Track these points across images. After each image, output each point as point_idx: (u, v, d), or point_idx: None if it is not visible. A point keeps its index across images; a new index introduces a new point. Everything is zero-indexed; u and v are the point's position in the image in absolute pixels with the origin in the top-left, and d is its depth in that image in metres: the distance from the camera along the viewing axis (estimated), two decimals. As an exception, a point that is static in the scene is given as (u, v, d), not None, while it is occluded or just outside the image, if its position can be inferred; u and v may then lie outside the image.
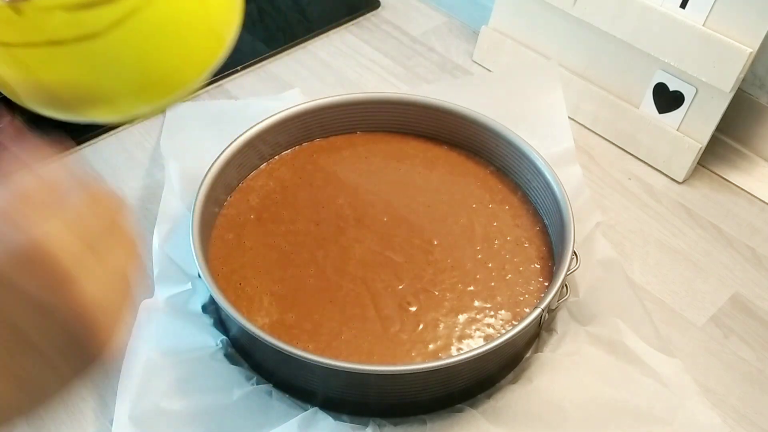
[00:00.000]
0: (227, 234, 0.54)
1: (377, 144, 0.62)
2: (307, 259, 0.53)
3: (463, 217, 0.57)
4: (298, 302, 0.51)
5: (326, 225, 0.55)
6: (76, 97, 0.38)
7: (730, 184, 0.65)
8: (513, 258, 0.54)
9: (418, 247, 0.54)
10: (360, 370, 0.45)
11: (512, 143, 0.58)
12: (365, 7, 0.82)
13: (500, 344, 0.45)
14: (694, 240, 0.61)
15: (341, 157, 0.61)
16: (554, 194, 0.54)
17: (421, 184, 0.59)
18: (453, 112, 0.60)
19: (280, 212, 0.56)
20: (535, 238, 0.56)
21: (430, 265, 0.53)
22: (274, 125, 0.58)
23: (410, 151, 0.62)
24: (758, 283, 0.58)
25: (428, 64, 0.76)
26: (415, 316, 0.50)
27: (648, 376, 0.50)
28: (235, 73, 0.74)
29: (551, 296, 0.48)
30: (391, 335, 0.49)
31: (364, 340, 0.49)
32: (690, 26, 0.60)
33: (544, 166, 0.56)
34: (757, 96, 0.64)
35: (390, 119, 0.62)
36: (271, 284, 0.52)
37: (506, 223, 0.57)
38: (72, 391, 0.28)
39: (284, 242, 0.54)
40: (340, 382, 0.47)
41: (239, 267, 0.52)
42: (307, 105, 0.60)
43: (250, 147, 0.57)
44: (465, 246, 0.55)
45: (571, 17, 0.67)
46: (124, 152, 0.66)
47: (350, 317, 0.50)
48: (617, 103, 0.67)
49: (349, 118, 0.61)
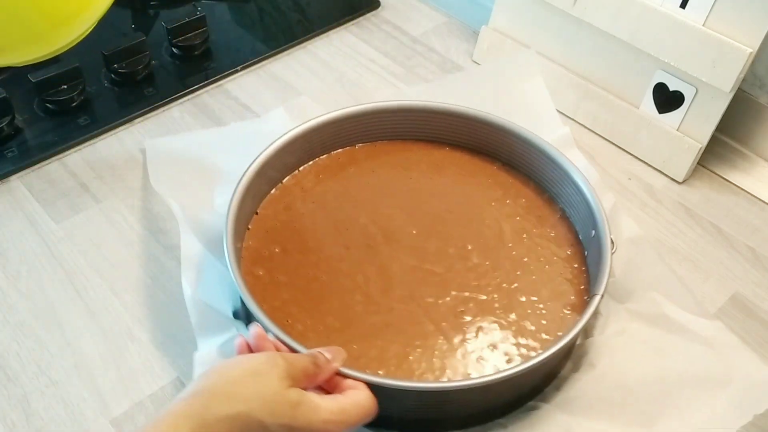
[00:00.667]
0: (257, 270, 0.53)
1: (380, 155, 0.61)
2: (350, 286, 0.52)
3: (487, 218, 0.57)
4: (356, 331, 0.50)
5: (356, 247, 0.55)
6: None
7: (730, 184, 0.65)
8: (544, 249, 0.55)
9: (455, 255, 0.55)
10: (451, 387, 0.45)
11: (519, 135, 0.58)
12: (365, 7, 0.82)
13: (573, 336, 0.46)
14: (694, 240, 0.61)
15: (348, 174, 0.60)
16: (574, 181, 0.55)
17: (434, 189, 0.59)
18: (453, 113, 0.60)
19: (304, 241, 0.55)
20: (559, 226, 0.57)
21: (470, 270, 0.54)
22: (280, 149, 0.57)
23: (414, 157, 0.62)
24: (758, 283, 0.58)
25: (428, 64, 0.76)
26: (472, 324, 0.50)
27: (695, 342, 0.51)
28: (235, 73, 0.74)
29: (605, 281, 0.49)
30: (457, 346, 0.49)
31: (432, 357, 0.49)
32: (690, 26, 0.60)
33: (556, 154, 0.56)
34: (757, 96, 0.64)
35: (389, 127, 0.62)
36: (321, 318, 0.50)
37: (527, 216, 0.57)
38: None
39: (320, 272, 0.53)
40: (419, 402, 0.46)
41: (281, 304, 0.51)
42: (310, 123, 0.58)
43: (260, 176, 0.55)
44: (497, 246, 0.55)
45: (571, 17, 0.67)
46: (124, 152, 0.66)
47: (411, 336, 0.50)
48: (617, 103, 0.67)
49: (348, 131, 0.61)
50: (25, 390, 0.50)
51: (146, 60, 0.72)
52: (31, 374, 0.51)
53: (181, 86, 0.72)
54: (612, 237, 0.52)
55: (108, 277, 0.56)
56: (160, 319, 0.54)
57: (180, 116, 0.69)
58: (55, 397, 0.49)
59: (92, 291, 0.55)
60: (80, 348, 0.52)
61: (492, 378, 0.44)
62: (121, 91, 0.71)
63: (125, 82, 0.71)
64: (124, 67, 0.71)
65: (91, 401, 0.49)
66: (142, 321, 0.54)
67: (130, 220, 0.60)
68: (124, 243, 0.59)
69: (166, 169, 0.61)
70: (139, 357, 0.52)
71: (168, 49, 0.75)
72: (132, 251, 0.58)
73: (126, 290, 0.56)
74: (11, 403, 0.49)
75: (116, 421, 0.48)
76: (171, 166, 0.61)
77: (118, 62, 0.71)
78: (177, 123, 0.69)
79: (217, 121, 0.69)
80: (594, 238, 0.53)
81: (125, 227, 0.60)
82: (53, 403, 0.49)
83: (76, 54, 0.71)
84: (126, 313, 0.54)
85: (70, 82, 0.68)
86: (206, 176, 0.60)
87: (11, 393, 0.50)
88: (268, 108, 0.70)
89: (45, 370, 0.51)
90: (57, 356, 0.51)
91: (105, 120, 0.68)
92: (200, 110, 0.70)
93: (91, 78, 0.71)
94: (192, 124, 0.68)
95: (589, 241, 0.54)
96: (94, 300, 0.55)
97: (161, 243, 0.59)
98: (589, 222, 0.54)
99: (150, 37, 0.75)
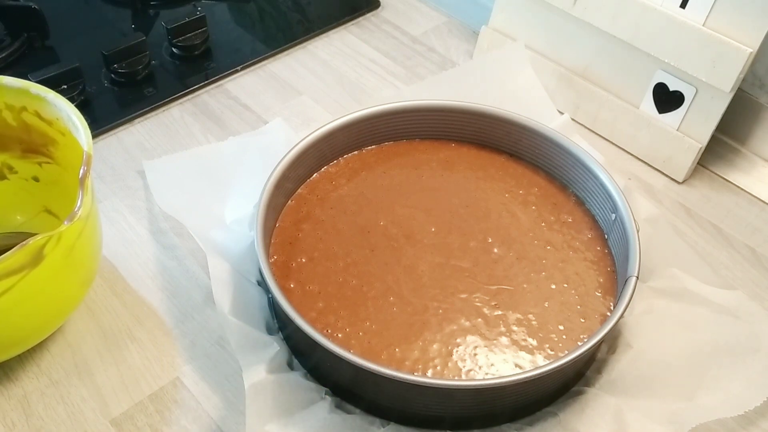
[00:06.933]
0: (288, 283, 0.52)
1: (389, 157, 0.61)
2: (381, 288, 0.52)
3: (503, 209, 0.58)
4: (395, 333, 0.49)
5: (381, 250, 0.55)
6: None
7: (730, 184, 0.65)
8: (565, 234, 0.56)
9: (478, 249, 0.55)
10: (507, 382, 0.44)
11: (525, 126, 0.59)
12: (365, 7, 0.82)
13: (618, 319, 0.47)
14: (694, 240, 0.61)
15: (360, 177, 0.60)
16: (587, 166, 0.56)
17: (447, 186, 0.59)
18: (458, 110, 0.61)
19: (329, 248, 0.55)
20: (575, 211, 0.57)
21: (496, 263, 0.54)
22: (294, 160, 0.56)
23: (422, 156, 0.62)
24: (758, 283, 0.58)
25: (428, 64, 0.76)
26: (507, 316, 0.51)
27: (720, 313, 0.53)
28: (235, 73, 0.74)
29: (638, 262, 0.49)
30: (496, 339, 0.49)
31: (475, 353, 0.49)
32: (690, 26, 0.60)
33: (566, 141, 0.57)
34: (757, 96, 0.64)
35: (395, 128, 0.62)
36: (360, 324, 0.50)
37: (543, 204, 0.58)
38: None
39: (349, 277, 0.53)
40: (474, 400, 0.46)
41: (318, 315, 0.50)
42: (321, 131, 0.58)
43: (278, 188, 0.55)
44: (519, 236, 0.56)
45: (571, 17, 0.67)
46: (124, 152, 0.66)
47: (450, 334, 0.50)
48: (617, 103, 0.67)
49: (356, 136, 0.61)
50: (25, 390, 0.50)
51: (146, 60, 0.72)
52: (31, 374, 0.51)
53: (181, 86, 0.72)
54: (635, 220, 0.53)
55: (108, 277, 0.56)
56: (160, 319, 0.54)
57: (180, 116, 0.69)
58: (55, 397, 0.49)
59: (92, 291, 0.55)
60: (80, 348, 0.52)
61: (547, 368, 0.44)
62: (121, 91, 0.71)
63: (125, 82, 0.71)
64: (124, 67, 0.71)
65: (91, 401, 0.49)
66: (142, 321, 0.54)
67: (130, 220, 0.60)
68: (124, 243, 0.59)
69: (170, 189, 0.60)
70: (139, 357, 0.52)
71: (168, 49, 0.75)
72: (132, 251, 0.58)
73: (126, 290, 0.56)
74: (11, 403, 0.49)
75: (116, 421, 0.48)
76: (174, 185, 0.61)
77: (118, 62, 0.71)
78: (177, 123, 0.69)
79: (217, 121, 0.69)
80: (615, 221, 0.53)
81: (125, 227, 0.60)
82: (53, 403, 0.49)
83: (76, 54, 0.72)
84: (126, 313, 0.54)
85: (69, 82, 0.68)
86: (211, 194, 0.59)
87: (11, 393, 0.50)
88: (268, 108, 0.70)
89: (45, 370, 0.51)
90: (57, 356, 0.51)
91: (105, 120, 0.68)
92: (200, 110, 0.70)
93: (91, 78, 0.71)
94: (192, 124, 0.68)
95: (609, 223, 0.55)
96: (94, 300, 0.55)
97: (161, 243, 0.59)
98: (607, 205, 0.55)
99: (150, 37, 0.75)
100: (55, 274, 0.45)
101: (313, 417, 0.47)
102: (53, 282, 0.46)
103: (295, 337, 0.50)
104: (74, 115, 0.49)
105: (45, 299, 0.47)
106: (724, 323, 0.52)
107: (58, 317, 0.50)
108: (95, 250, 0.51)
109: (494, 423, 0.48)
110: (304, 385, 0.49)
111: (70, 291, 0.49)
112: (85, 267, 0.50)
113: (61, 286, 0.48)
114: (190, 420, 0.49)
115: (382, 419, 0.48)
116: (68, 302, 0.50)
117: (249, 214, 0.57)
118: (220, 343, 0.53)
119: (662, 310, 0.53)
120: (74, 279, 0.49)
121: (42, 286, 0.45)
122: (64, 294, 0.49)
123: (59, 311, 0.50)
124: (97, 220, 0.51)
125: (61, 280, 0.47)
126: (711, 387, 0.49)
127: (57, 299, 0.48)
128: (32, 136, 0.54)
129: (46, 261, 0.43)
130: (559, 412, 0.48)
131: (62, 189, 0.55)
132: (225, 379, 0.51)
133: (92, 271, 0.51)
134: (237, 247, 0.55)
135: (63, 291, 0.48)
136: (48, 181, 0.56)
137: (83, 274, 0.50)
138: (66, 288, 0.48)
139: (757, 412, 0.49)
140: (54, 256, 0.44)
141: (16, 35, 0.74)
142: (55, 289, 0.47)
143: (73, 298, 0.50)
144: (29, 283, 0.43)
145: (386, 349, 0.49)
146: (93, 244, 0.50)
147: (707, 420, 0.47)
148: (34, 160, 0.55)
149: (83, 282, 0.50)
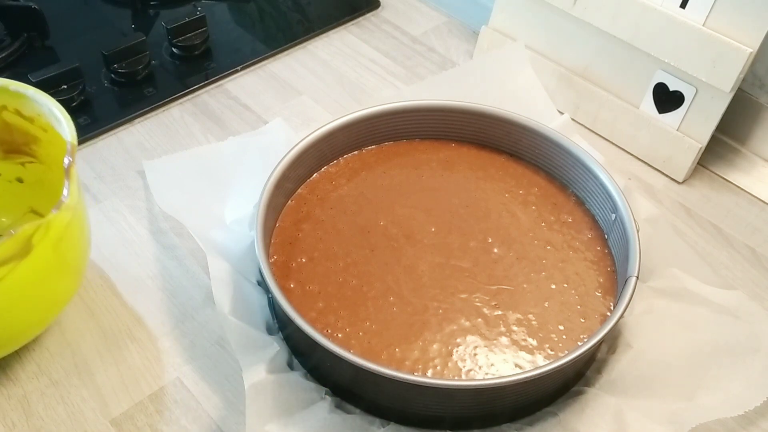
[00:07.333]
0: (287, 283, 0.52)
1: (388, 157, 0.61)
2: (381, 288, 0.52)
3: (503, 209, 0.58)
4: (395, 333, 0.50)
5: (380, 249, 0.55)
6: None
7: (730, 184, 0.65)
8: (565, 234, 0.56)
9: (478, 249, 0.55)
10: (507, 382, 0.44)
11: (525, 126, 0.59)
12: (365, 7, 0.82)
13: (618, 319, 0.47)
14: (694, 240, 0.61)
15: (360, 177, 0.60)
16: (587, 166, 0.56)
17: (447, 186, 0.59)
18: (458, 110, 0.61)
19: (329, 248, 0.55)
20: (575, 211, 0.58)
21: (496, 263, 0.54)
22: (294, 160, 0.56)
23: (422, 156, 0.62)
24: (758, 283, 0.58)
25: (428, 64, 0.76)
26: (507, 316, 0.51)
27: (721, 313, 0.53)
28: (235, 73, 0.74)
29: (638, 262, 0.49)
30: (496, 339, 0.49)
31: (475, 353, 0.49)
32: (690, 26, 0.60)
33: (566, 141, 0.57)
34: (757, 96, 0.64)
35: (395, 128, 0.62)
36: (359, 324, 0.50)
37: (543, 204, 0.58)
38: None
39: (349, 277, 0.53)
40: (474, 400, 0.46)
41: (318, 315, 0.51)
42: (321, 131, 0.58)
43: (278, 188, 0.55)
44: (518, 236, 0.56)
45: (571, 17, 0.67)
46: (124, 152, 0.66)
47: (450, 334, 0.50)
48: (617, 103, 0.67)
49: (356, 136, 0.61)
50: (25, 390, 0.50)
51: (146, 60, 0.72)
52: (31, 374, 0.51)
53: (181, 86, 0.72)
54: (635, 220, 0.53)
55: (108, 277, 0.56)
56: (160, 319, 0.54)
57: (180, 116, 0.69)
58: (55, 397, 0.49)
59: (92, 291, 0.55)
60: (80, 348, 0.52)
61: (547, 368, 0.44)
62: (121, 91, 0.71)
63: (125, 82, 0.71)
64: (124, 67, 0.71)
65: (91, 401, 0.49)
66: (142, 321, 0.54)
67: (130, 220, 0.60)
68: (124, 243, 0.59)
69: (170, 189, 0.60)
70: (139, 357, 0.52)
71: (168, 49, 0.75)
72: (132, 251, 0.58)
73: (126, 290, 0.56)
74: (11, 403, 0.49)
75: (116, 421, 0.48)
76: (174, 185, 0.61)
77: (118, 62, 0.71)
78: (177, 123, 0.69)
79: (217, 121, 0.69)
80: (615, 221, 0.53)
81: (125, 227, 0.60)
82: (53, 403, 0.49)
83: (76, 54, 0.72)
84: (126, 313, 0.54)
85: (69, 82, 0.68)
86: (211, 194, 0.59)
87: (11, 393, 0.50)
88: (268, 108, 0.70)
89: (45, 370, 0.51)
90: (57, 356, 0.51)
91: (105, 120, 0.68)
92: (200, 110, 0.70)
93: (90, 78, 0.71)
94: (192, 124, 0.68)
95: (609, 223, 0.55)
96: (94, 300, 0.55)
97: (161, 243, 0.59)
98: (607, 205, 0.55)
99: (150, 37, 0.75)
100: (45, 265, 0.45)
101: (313, 417, 0.47)
102: (43, 274, 0.46)
103: (295, 337, 0.50)
104: (56, 108, 0.48)
105: (36, 293, 0.46)
106: (724, 323, 0.52)
107: (50, 312, 0.50)
108: (85, 241, 0.50)
109: (494, 423, 0.48)
110: (304, 385, 0.49)
111: (62, 284, 0.49)
112: (76, 259, 0.49)
113: (51, 279, 0.47)
114: (190, 420, 0.49)
115: (382, 419, 0.48)
116: (60, 296, 0.50)
117: (249, 214, 0.57)
118: (220, 343, 0.53)
119: (662, 310, 0.53)
120: (65, 271, 0.48)
121: (32, 279, 0.45)
122: (55, 287, 0.48)
123: (51, 306, 0.49)
124: (85, 211, 0.50)
125: (52, 272, 0.47)
126: (711, 387, 0.49)
127: (48, 292, 0.48)
128: (14, 135, 0.53)
129: (35, 252, 0.43)
130: (559, 412, 0.48)
131: (47, 188, 0.54)
132: (225, 379, 0.51)
133: (83, 263, 0.51)
134: (237, 247, 0.55)
135: (54, 284, 0.48)
136: (32, 181, 0.56)
137: (74, 266, 0.49)
138: (57, 280, 0.48)
139: (757, 412, 0.49)
140: (43, 247, 0.43)
141: (16, 35, 0.74)
142: (45, 281, 0.47)
143: (64, 292, 0.50)
144: (19, 275, 0.43)
145: (386, 349, 0.49)
146: (82, 236, 0.49)
147: (707, 420, 0.47)
148: (17, 160, 0.55)
149: (74, 275, 0.50)
